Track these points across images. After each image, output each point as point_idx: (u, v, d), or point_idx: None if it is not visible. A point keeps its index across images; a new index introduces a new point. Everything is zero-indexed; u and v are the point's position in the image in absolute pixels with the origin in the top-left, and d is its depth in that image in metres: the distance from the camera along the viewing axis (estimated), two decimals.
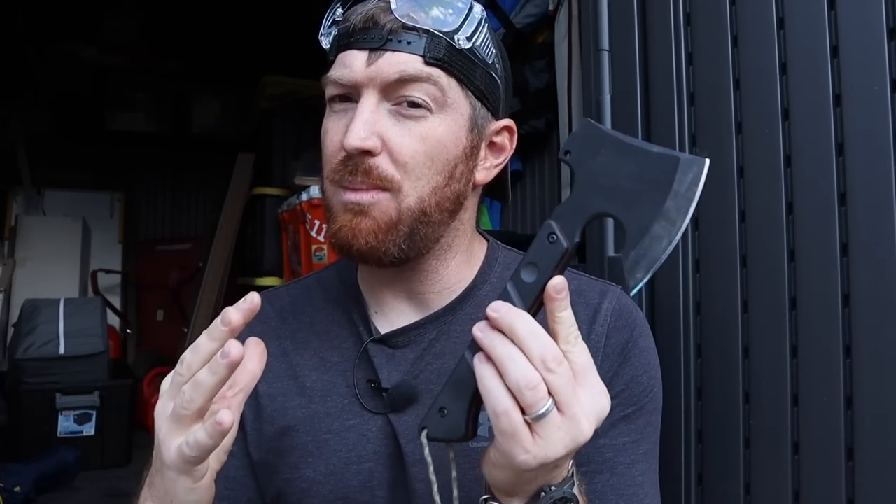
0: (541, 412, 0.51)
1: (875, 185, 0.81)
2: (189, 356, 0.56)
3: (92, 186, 5.39)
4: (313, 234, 2.82)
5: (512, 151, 0.79)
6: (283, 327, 0.82)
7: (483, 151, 0.76)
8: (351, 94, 0.71)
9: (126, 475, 3.41)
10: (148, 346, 5.24)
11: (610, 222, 1.15)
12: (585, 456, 0.72)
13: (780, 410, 0.90)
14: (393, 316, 0.78)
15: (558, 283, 0.54)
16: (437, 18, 0.69)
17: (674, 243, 0.55)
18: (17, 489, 2.84)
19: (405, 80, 0.68)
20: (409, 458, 0.72)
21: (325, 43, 0.76)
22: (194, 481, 0.59)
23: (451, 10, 0.70)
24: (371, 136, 0.68)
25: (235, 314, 0.55)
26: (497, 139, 0.77)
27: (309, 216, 2.83)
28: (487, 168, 0.77)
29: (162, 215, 5.91)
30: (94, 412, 3.46)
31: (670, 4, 1.07)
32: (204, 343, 0.56)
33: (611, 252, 1.14)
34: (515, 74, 2.13)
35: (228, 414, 0.54)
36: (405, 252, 0.71)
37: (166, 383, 0.59)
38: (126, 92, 5.49)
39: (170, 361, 4.61)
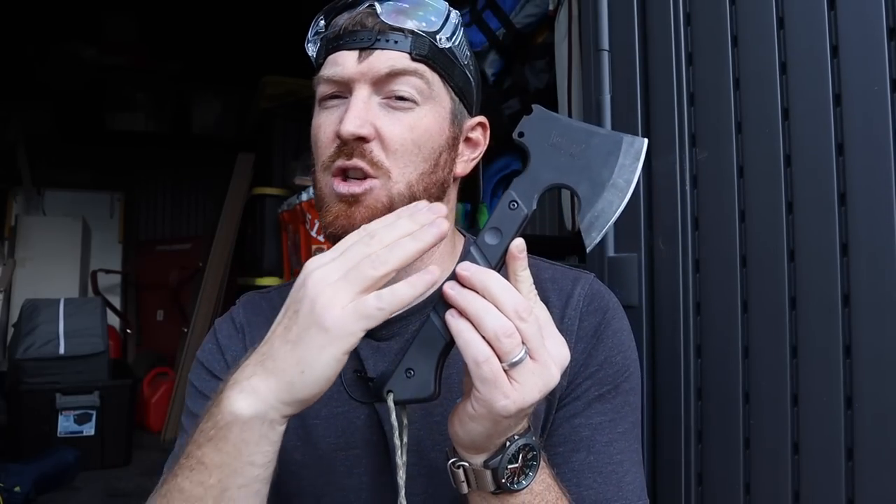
0: (516, 359, 0.55)
1: (875, 185, 0.81)
2: (382, 231, 0.58)
3: (92, 186, 5.40)
4: (313, 233, 2.83)
5: (485, 146, 0.86)
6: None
7: (461, 146, 0.82)
8: (341, 93, 0.76)
9: (126, 475, 3.41)
10: (148, 346, 5.25)
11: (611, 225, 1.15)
12: (562, 436, 0.75)
13: (779, 410, 0.90)
14: None
15: (520, 243, 0.60)
16: (420, 20, 0.76)
17: (622, 208, 0.63)
18: (17, 489, 2.84)
19: (395, 74, 0.74)
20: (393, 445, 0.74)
21: (312, 50, 0.82)
22: (346, 351, 0.56)
23: (431, 13, 0.77)
24: (365, 124, 0.73)
25: (443, 218, 0.58)
26: (472, 135, 0.84)
27: (309, 216, 2.83)
28: (465, 161, 0.83)
29: (162, 215, 5.91)
30: (94, 412, 3.47)
31: (670, 4, 1.07)
32: (404, 223, 0.58)
33: (611, 252, 1.14)
34: (515, 74, 2.14)
35: (436, 268, 0.57)
36: None
37: (336, 250, 0.58)
38: (126, 92, 5.49)
39: (169, 361, 4.62)
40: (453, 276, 0.59)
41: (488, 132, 0.86)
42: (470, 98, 0.82)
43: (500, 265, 0.61)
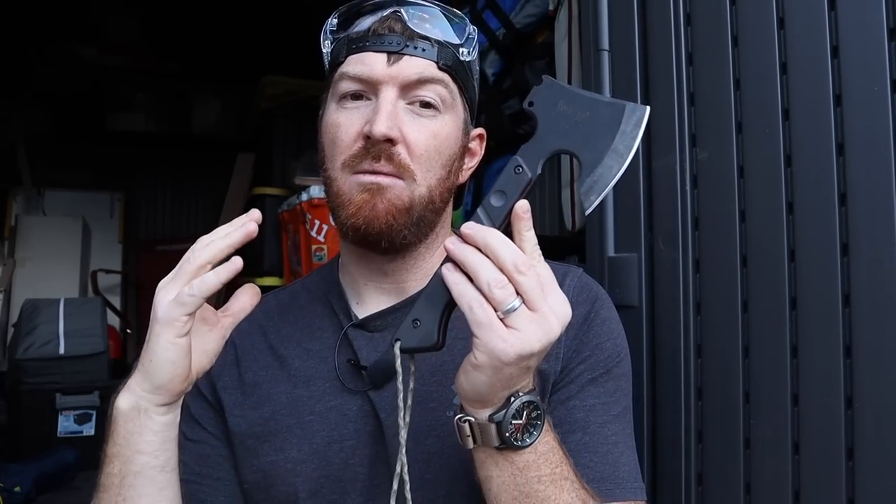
0: (509, 307, 0.58)
1: (875, 185, 0.81)
2: (207, 237, 0.67)
3: (92, 186, 5.39)
4: (313, 234, 2.82)
5: (481, 156, 0.89)
6: (269, 324, 0.88)
7: (466, 154, 0.85)
8: (364, 92, 0.77)
9: None
10: None
11: (610, 223, 1.15)
12: (558, 418, 0.76)
13: (780, 410, 0.90)
14: (372, 306, 0.83)
15: (524, 203, 0.62)
16: (446, 31, 0.79)
17: (622, 171, 0.65)
18: (17, 489, 2.84)
19: (423, 81, 0.77)
20: (388, 431, 0.76)
21: (328, 47, 0.83)
22: (177, 335, 0.65)
23: (456, 26, 0.80)
24: (394, 127, 0.75)
25: (253, 221, 0.66)
26: (472, 145, 0.87)
27: (309, 216, 2.83)
28: (465, 170, 0.86)
29: (162, 215, 5.91)
30: (94, 412, 3.46)
31: (670, 4, 1.07)
32: (217, 239, 0.66)
33: (611, 252, 1.14)
34: (515, 74, 2.14)
35: (239, 259, 0.65)
36: (412, 237, 0.78)
37: (169, 277, 0.67)
38: (126, 92, 5.49)
39: None
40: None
41: (485, 143, 0.89)
42: (475, 110, 0.86)
43: (504, 227, 0.63)
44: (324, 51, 0.83)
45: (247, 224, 0.66)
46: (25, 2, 4.26)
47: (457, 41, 0.80)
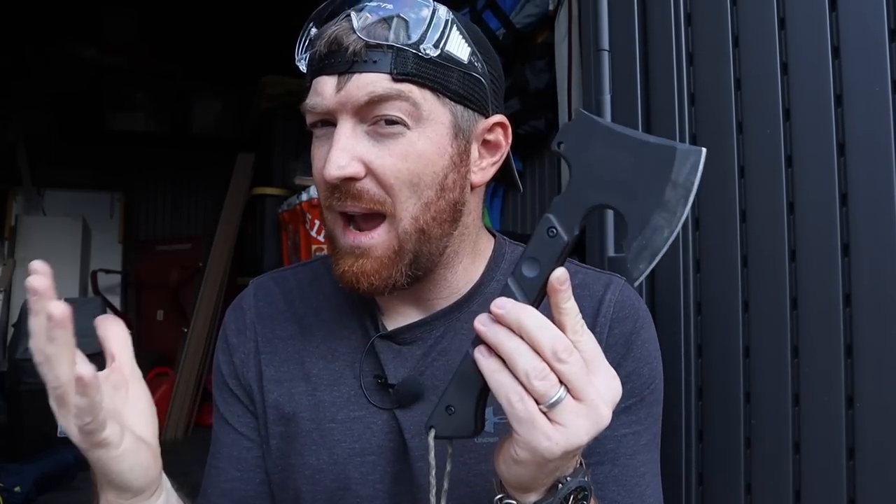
0: (554, 399, 0.51)
1: (876, 185, 0.81)
2: (48, 372, 0.53)
3: (92, 186, 5.39)
4: (313, 233, 2.82)
5: (508, 146, 0.77)
6: (290, 311, 0.83)
7: (476, 152, 0.75)
8: (327, 121, 0.71)
9: None
10: (148, 347, 5.23)
11: (610, 222, 1.15)
12: (587, 448, 0.72)
13: (781, 410, 0.90)
14: (399, 318, 0.79)
15: (561, 274, 0.54)
16: (400, 32, 0.68)
17: (675, 233, 0.55)
18: (17, 489, 2.84)
19: (375, 101, 0.67)
20: (413, 453, 0.73)
21: (303, 67, 0.75)
22: (114, 450, 0.56)
23: (412, 21, 0.68)
24: (351, 163, 0.67)
25: (57, 309, 0.51)
26: (490, 137, 0.75)
27: (309, 216, 2.83)
28: (484, 168, 0.76)
29: (162, 215, 5.91)
30: None
31: (671, 4, 1.07)
32: (51, 350, 0.52)
33: (611, 252, 1.14)
34: (515, 74, 2.14)
35: (58, 305, 0.51)
36: (413, 275, 0.72)
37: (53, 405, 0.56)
38: (126, 92, 5.48)
39: (169, 361, 4.62)
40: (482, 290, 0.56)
41: (510, 131, 0.77)
42: (481, 98, 0.73)
43: (541, 298, 0.56)
44: (302, 70, 0.76)
45: (52, 312, 0.51)
46: (25, 2, 4.26)
47: (413, 40, 0.67)
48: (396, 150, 0.68)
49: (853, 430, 0.82)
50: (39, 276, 0.52)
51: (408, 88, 0.68)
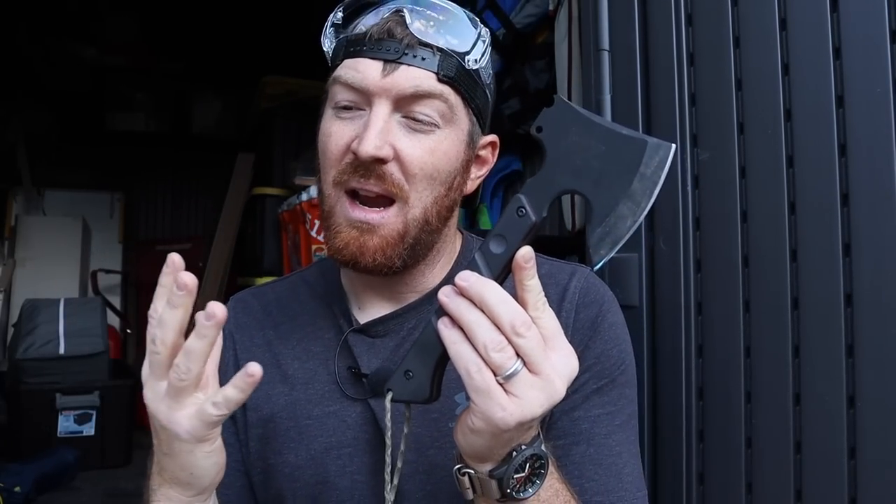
0: (510, 371, 0.54)
1: (877, 185, 0.81)
2: (158, 332, 0.57)
3: (92, 186, 5.39)
4: (313, 233, 2.83)
5: (492, 164, 0.84)
6: (267, 319, 0.86)
7: (472, 166, 0.81)
8: (356, 103, 0.73)
9: (126, 475, 3.40)
10: None
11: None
12: (562, 429, 0.75)
13: (782, 410, 0.90)
14: (373, 311, 0.81)
15: (526, 252, 0.56)
16: (451, 37, 0.73)
17: (637, 223, 0.58)
18: (17, 489, 2.84)
19: (419, 96, 0.71)
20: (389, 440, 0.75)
21: (328, 46, 0.78)
22: (211, 445, 0.61)
23: (464, 32, 0.74)
24: (385, 146, 0.70)
25: (188, 277, 0.56)
26: (482, 153, 0.82)
27: (309, 216, 2.83)
28: (473, 180, 0.82)
29: (162, 215, 5.90)
30: (94, 412, 3.46)
31: (671, 4, 1.07)
32: (167, 315, 0.57)
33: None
34: (515, 74, 2.14)
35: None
36: (407, 262, 0.75)
37: (146, 369, 0.59)
38: (126, 92, 5.49)
39: None
40: (449, 281, 0.58)
41: (497, 150, 0.84)
42: (486, 117, 0.80)
43: (506, 274, 0.58)
44: (324, 48, 0.79)
45: (211, 313, 0.56)
46: (26, 2, 4.26)
47: (463, 49, 0.73)
48: (426, 144, 0.72)
49: (854, 430, 0.82)
50: (175, 255, 0.58)
51: (448, 91, 0.73)
